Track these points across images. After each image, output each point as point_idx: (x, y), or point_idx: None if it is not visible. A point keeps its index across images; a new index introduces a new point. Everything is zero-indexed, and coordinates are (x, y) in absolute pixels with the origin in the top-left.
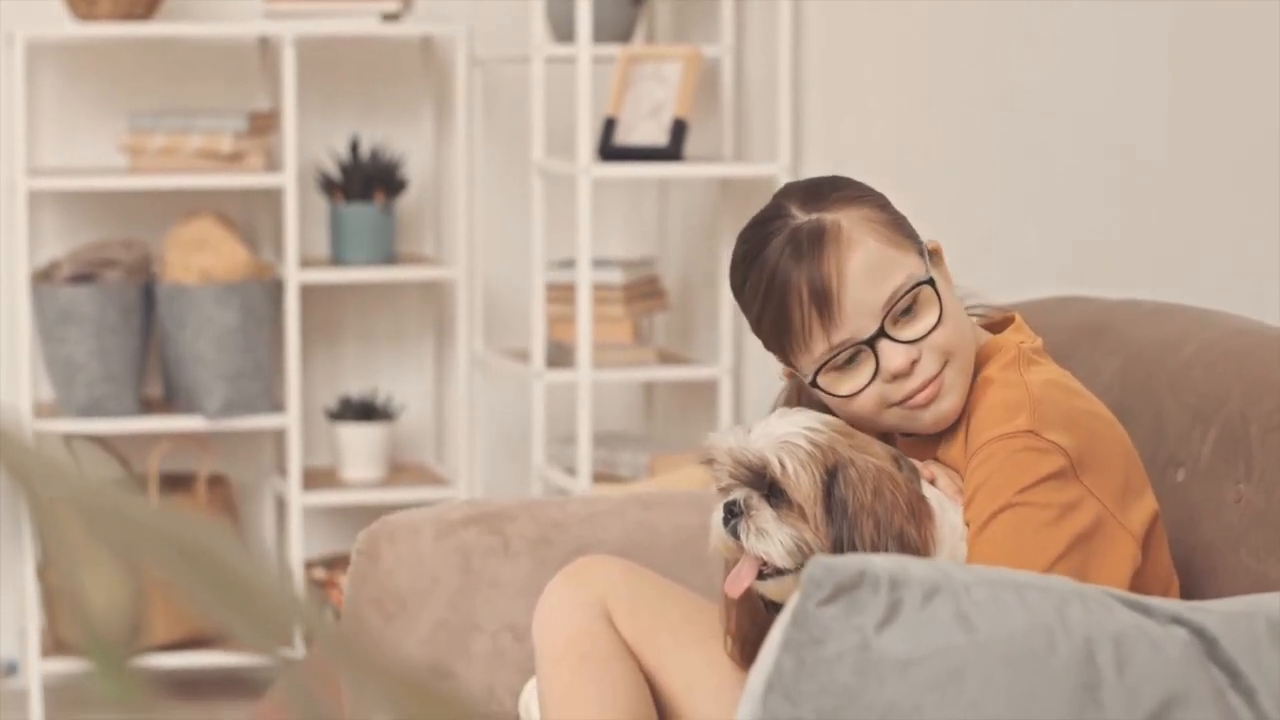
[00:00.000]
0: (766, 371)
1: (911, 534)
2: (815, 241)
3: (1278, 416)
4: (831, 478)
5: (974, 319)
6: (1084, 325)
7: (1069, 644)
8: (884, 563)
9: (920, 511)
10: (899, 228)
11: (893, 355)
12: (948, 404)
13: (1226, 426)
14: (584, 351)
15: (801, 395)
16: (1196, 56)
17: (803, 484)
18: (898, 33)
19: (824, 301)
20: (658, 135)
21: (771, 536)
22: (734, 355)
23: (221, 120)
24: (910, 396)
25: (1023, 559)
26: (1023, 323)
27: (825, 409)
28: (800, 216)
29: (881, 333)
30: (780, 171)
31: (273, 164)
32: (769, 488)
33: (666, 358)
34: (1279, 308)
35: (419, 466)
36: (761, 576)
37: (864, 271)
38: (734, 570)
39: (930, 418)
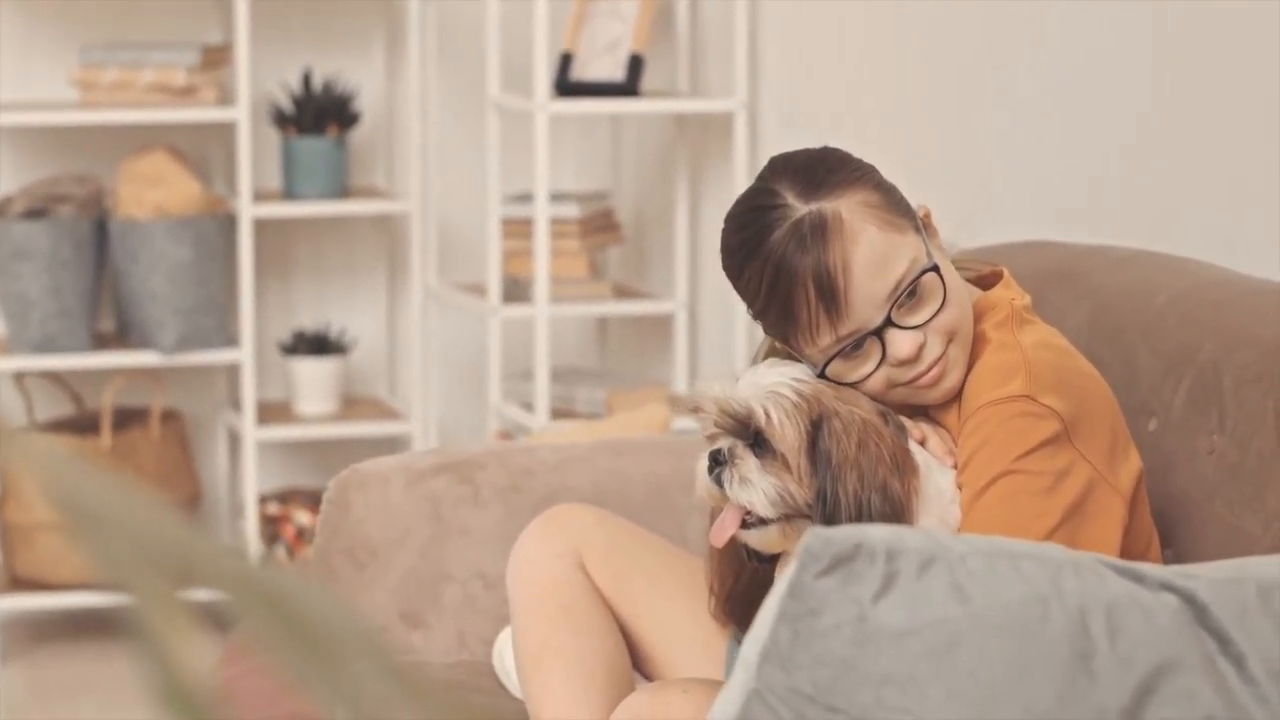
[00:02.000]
0: (722, 306)
1: (895, 487)
2: (818, 236)
3: (1252, 369)
4: (816, 429)
5: (964, 273)
6: (1052, 271)
7: (1063, 613)
8: (880, 534)
9: (905, 465)
10: (895, 207)
11: (901, 343)
12: (952, 380)
13: (1199, 378)
14: (541, 286)
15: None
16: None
17: (787, 434)
18: None
19: (831, 297)
20: (614, 70)
21: (755, 486)
22: (689, 289)
23: (174, 54)
24: (918, 378)
25: (1019, 527)
26: (1011, 278)
27: None
28: (799, 207)
29: (888, 322)
30: (736, 107)
31: (225, 98)
32: (754, 437)
33: (622, 292)
34: (1249, 257)
35: (372, 400)
36: (745, 526)
37: (869, 263)
38: (718, 520)
39: (936, 394)
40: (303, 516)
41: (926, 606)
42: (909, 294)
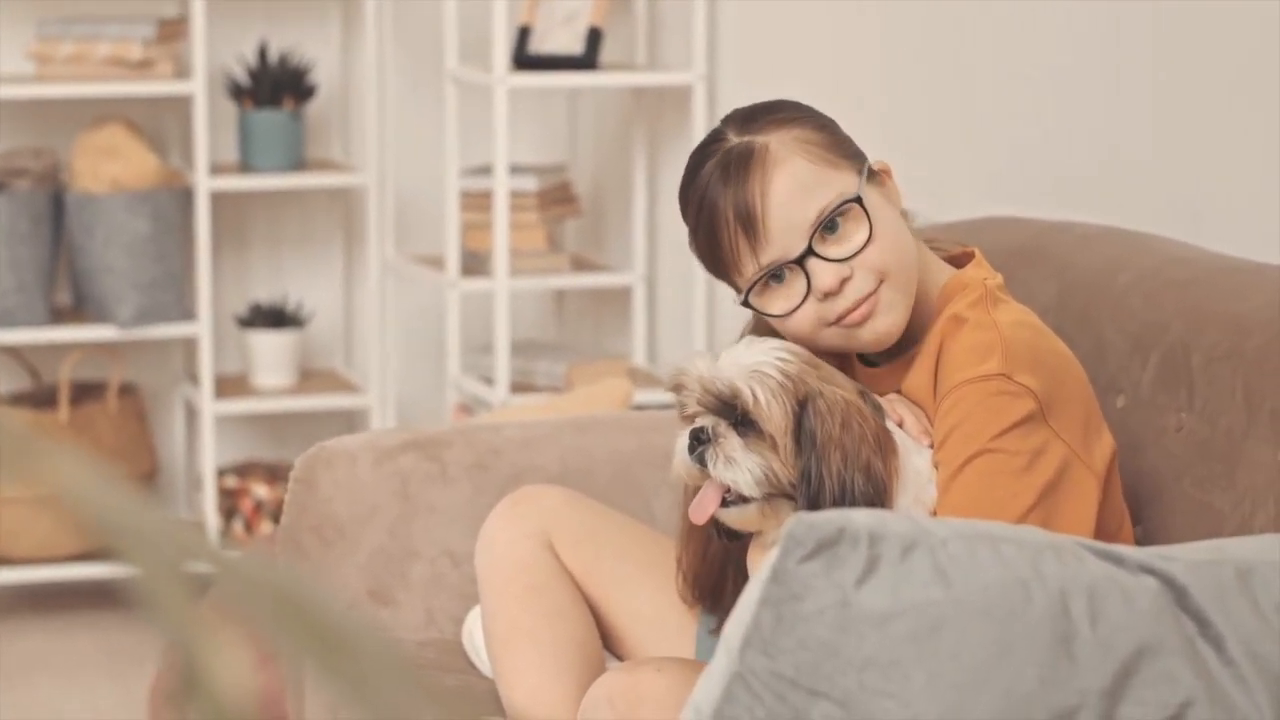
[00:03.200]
0: (680, 278)
1: (878, 466)
2: (742, 164)
3: (1221, 347)
4: (801, 408)
5: (935, 252)
6: (1017, 248)
7: (1044, 596)
8: (863, 518)
9: (886, 445)
10: (836, 148)
11: (822, 273)
12: (885, 322)
13: (1167, 356)
14: (501, 260)
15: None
16: None
17: (774, 414)
18: None
19: (749, 223)
20: (573, 44)
21: (740, 465)
22: (647, 262)
23: (130, 27)
24: (845, 315)
25: (996, 507)
26: (983, 258)
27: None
28: (733, 139)
29: (810, 251)
30: (695, 80)
31: (182, 71)
32: (739, 417)
33: (580, 265)
34: (1214, 232)
35: (330, 373)
36: (725, 504)
37: (789, 191)
38: (697, 497)
39: (868, 336)
40: (260, 490)
41: (909, 590)
42: (830, 226)
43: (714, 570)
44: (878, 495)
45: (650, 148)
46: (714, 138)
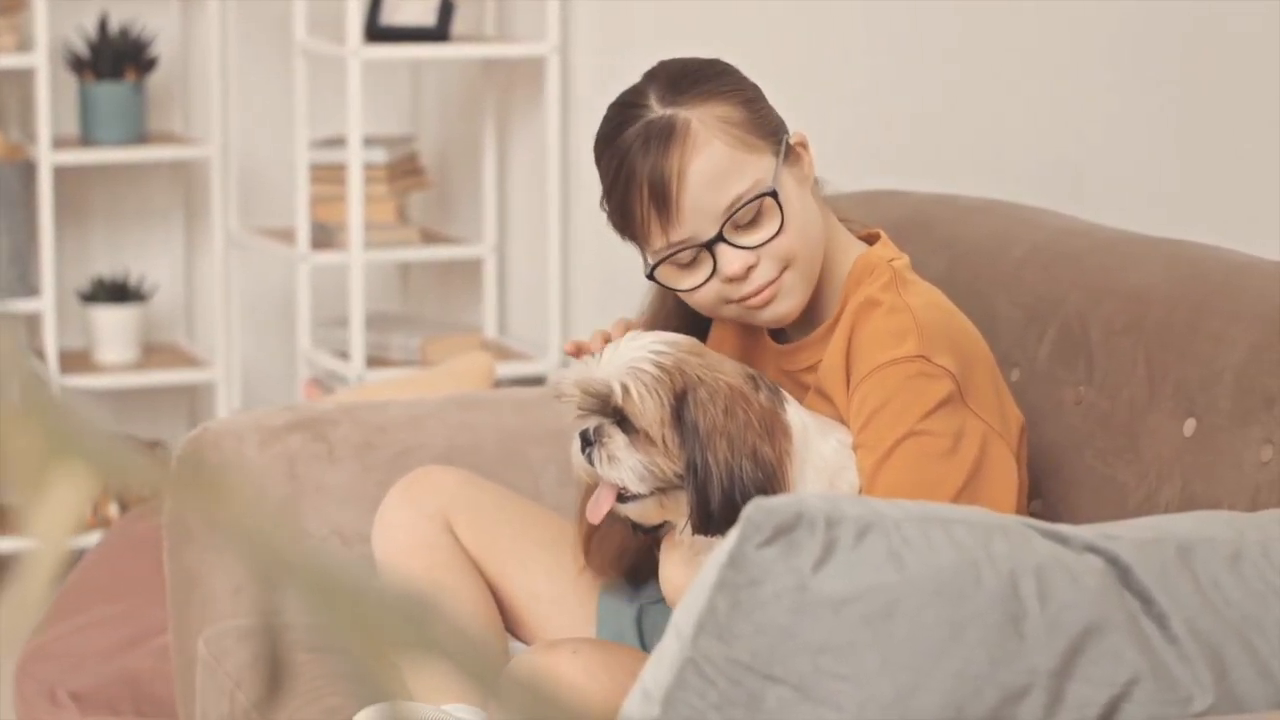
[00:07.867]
0: (532, 250)
1: (765, 451)
2: (663, 140)
3: (1120, 320)
4: (680, 400)
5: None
6: (903, 222)
7: (995, 577)
8: (818, 503)
9: (774, 429)
10: (756, 128)
11: (730, 260)
12: (785, 306)
13: (1064, 329)
14: (355, 233)
15: (665, 295)
16: None
17: (647, 409)
18: None
19: (663, 201)
20: (425, 15)
21: (622, 463)
22: (498, 234)
23: None
24: (747, 298)
25: (927, 490)
26: (888, 239)
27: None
28: (656, 109)
29: (720, 237)
30: (549, 51)
31: (22, 43)
32: (618, 414)
33: (428, 237)
34: (1097, 203)
35: (172, 348)
36: (622, 500)
37: (707, 175)
38: (593, 496)
39: (767, 316)
40: None
41: (864, 573)
42: (746, 216)
43: (625, 546)
44: (768, 480)
45: (500, 120)
46: (638, 99)
